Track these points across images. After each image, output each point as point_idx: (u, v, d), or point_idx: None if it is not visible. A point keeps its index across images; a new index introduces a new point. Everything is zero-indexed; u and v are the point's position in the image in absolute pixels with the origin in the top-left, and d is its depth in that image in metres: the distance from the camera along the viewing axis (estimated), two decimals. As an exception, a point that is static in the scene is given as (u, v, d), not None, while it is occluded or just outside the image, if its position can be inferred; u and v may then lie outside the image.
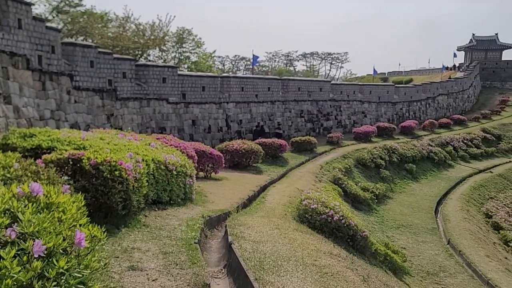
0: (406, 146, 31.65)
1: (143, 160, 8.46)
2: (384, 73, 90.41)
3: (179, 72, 23.32)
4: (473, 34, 77.20)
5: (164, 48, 33.99)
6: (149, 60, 32.93)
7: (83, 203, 3.65)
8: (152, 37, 31.16)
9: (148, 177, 8.52)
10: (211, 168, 16.32)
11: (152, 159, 9.10)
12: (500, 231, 21.73)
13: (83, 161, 6.94)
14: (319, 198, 11.49)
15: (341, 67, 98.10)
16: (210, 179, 16.13)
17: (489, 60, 74.65)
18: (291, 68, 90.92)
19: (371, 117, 39.74)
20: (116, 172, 7.02)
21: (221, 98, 25.37)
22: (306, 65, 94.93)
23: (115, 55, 19.89)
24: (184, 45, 36.72)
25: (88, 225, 3.32)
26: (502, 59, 75.77)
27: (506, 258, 18.25)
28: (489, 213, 23.61)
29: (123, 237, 6.65)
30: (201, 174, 16.20)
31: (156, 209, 9.09)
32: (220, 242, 8.45)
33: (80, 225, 3.30)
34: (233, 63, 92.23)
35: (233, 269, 6.45)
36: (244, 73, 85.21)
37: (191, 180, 11.15)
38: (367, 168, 26.21)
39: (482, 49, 75.35)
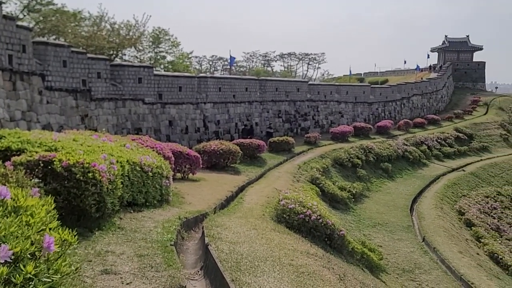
0: (382, 146, 32.16)
1: (117, 161, 8.30)
2: (361, 74, 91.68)
3: (155, 72, 23.04)
4: (446, 36, 79.10)
5: (140, 48, 33.55)
6: (125, 60, 32.42)
7: (53, 206, 3.55)
8: (128, 37, 30.70)
9: (123, 178, 8.36)
10: (188, 169, 16.18)
11: (127, 161, 8.93)
12: (472, 227, 22.32)
13: (55, 163, 6.75)
14: (297, 198, 11.52)
15: (318, 67, 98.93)
16: (187, 180, 16.00)
17: (461, 61, 76.62)
18: (269, 69, 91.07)
19: (348, 117, 40.19)
20: (90, 174, 6.86)
21: (198, 99, 25.19)
22: (283, 66, 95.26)
23: (89, 55, 19.49)
24: (160, 45, 36.33)
25: (59, 229, 3.23)
26: (473, 60, 77.92)
27: (477, 254, 18.75)
28: (462, 211, 24.22)
29: (96, 240, 6.50)
30: (178, 175, 16.04)
31: (132, 211, 8.93)
32: (197, 244, 8.37)
33: (50, 229, 3.21)
34: (211, 63, 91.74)
35: (210, 270, 6.39)
36: (222, 73, 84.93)
37: (167, 181, 11.02)
38: (344, 168, 26.50)
39: (454, 50, 77.28)
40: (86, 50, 22.52)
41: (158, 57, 36.70)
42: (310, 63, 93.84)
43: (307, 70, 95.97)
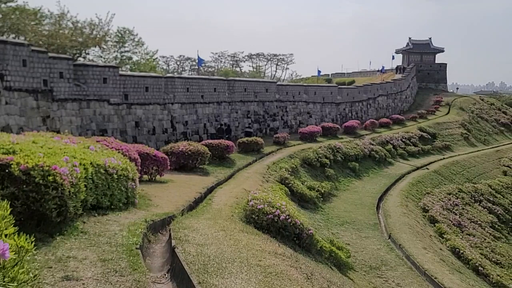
0: (349, 145, 32.71)
1: (80, 164, 8.04)
2: (328, 75, 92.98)
3: (120, 72, 22.53)
4: (410, 38, 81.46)
5: (105, 47, 32.74)
6: (89, 60, 31.55)
7: (9, 211, 3.41)
8: (92, 36, 29.90)
9: (87, 181, 8.12)
10: (155, 170, 15.91)
11: (91, 163, 8.68)
12: (435, 224, 23.03)
13: (12, 166, 6.46)
14: (266, 198, 11.51)
15: (287, 68, 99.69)
16: (155, 182, 15.73)
17: (424, 63, 79.11)
18: (238, 69, 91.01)
19: (316, 118, 40.68)
20: (50, 178, 6.60)
21: (165, 99, 24.83)
22: (252, 66, 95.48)
23: (50, 54, 18.84)
24: (125, 45, 35.60)
25: (15, 235, 3.11)
26: (436, 62, 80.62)
27: (440, 249, 19.37)
28: (426, 208, 24.95)
29: (57, 245, 6.26)
30: (146, 177, 15.76)
31: (96, 214, 8.67)
32: (164, 247, 8.23)
33: (5, 235, 3.09)
34: (178, 63, 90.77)
35: (177, 273, 6.28)
36: (190, 73, 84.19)
37: (133, 183, 10.78)
38: (313, 167, 26.78)
39: (418, 52, 79.69)
40: (48, 49, 21.75)
41: (123, 57, 35.95)
42: (279, 63, 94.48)
43: (276, 71, 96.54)
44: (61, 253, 5.93)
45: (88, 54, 32.08)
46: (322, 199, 22.38)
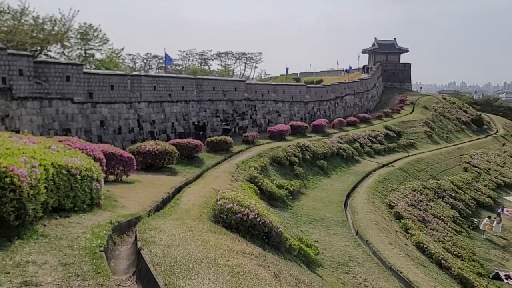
0: (317, 144, 33.08)
1: (40, 164, 7.73)
2: (297, 74, 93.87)
3: (84, 70, 21.86)
4: (375, 38, 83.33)
5: (68, 44, 31.71)
6: (50, 57, 30.48)
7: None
8: (53, 32, 28.89)
9: (47, 183, 7.81)
10: (121, 171, 15.55)
11: (52, 164, 8.35)
12: (401, 220, 23.61)
13: (-35, 167, 6.12)
14: (235, 197, 11.46)
15: (256, 67, 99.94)
16: (121, 182, 15.37)
17: (389, 63, 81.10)
18: (206, 67, 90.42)
19: (285, 116, 40.92)
20: (7, 179, 6.31)
21: (132, 98, 24.31)
22: (221, 65, 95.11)
23: (9, 51, 18.05)
24: (89, 42, 34.61)
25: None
26: (400, 61, 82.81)
27: (406, 244, 19.87)
28: (392, 204, 25.54)
29: (16, 250, 5.99)
30: (111, 177, 15.39)
31: (58, 217, 8.36)
32: (130, 248, 8.02)
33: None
34: (145, 61, 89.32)
35: (143, 275, 6.13)
36: (157, 71, 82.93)
37: (98, 184, 10.47)
38: (282, 166, 26.91)
39: (383, 52, 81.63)
40: (6, 46, 20.86)
41: (87, 54, 34.95)
42: (248, 62, 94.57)
43: (245, 70, 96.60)
44: (19, 258, 5.68)
45: (49, 51, 31.01)
46: (291, 197, 22.52)
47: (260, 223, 10.95)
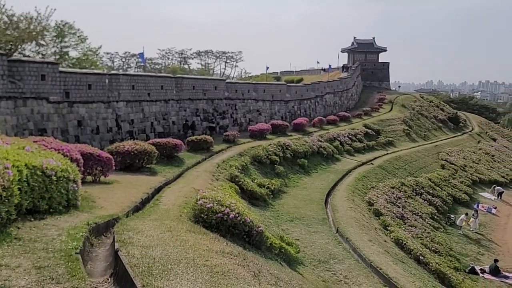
0: (298, 142, 33.23)
1: (13, 165, 7.51)
2: (277, 73, 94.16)
3: (60, 69, 21.40)
4: (355, 38, 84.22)
5: (43, 42, 30.96)
6: (25, 56, 29.74)
7: None
8: (29, 31, 28.17)
9: (21, 184, 7.61)
10: (100, 171, 15.30)
11: (26, 165, 8.14)
12: (380, 217, 23.92)
13: None
14: (215, 196, 11.40)
15: (236, 66, 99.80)
16: (99, 183, 15.11)
17: (368, 62, 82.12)
18: (186, 66, 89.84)
19: (266, 115, 40.97)
20: (-22, 181, 6.11)
21: (110, 97, 23.93)
22: (201, 63, 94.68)
23: (-18, 49, 17.55)
24: (65, 40, 33.89)
25: None
26: (379, 61, 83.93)
27: (385, 241, 20.14)
28: (371, 201, 25.85)
29: (-13, 254, 5.80)
30: (89, 178, 15.13)
31: (32, 219, 8.15)
32: (108, 250, 7.88)
33: None
34: (124, 60, 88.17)
35: (120, 277, 6.02)
36: (136, 70, 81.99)
37: (75, 185, 10.26)
38: (262, 165, 26.94)
39: (362, 51, 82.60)
40: (-21, 44, 20.26)
41: (63, 52, 34.22)
42: (228, 61, 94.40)
43: (225, 68, 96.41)
44: (-9, 262, 5.49)
45: (24, 49, 30.24)
46: (272, 196, 22.56)
47: (241, 222, 10.92)
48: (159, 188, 15.86)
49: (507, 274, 22.32)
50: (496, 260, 22.88)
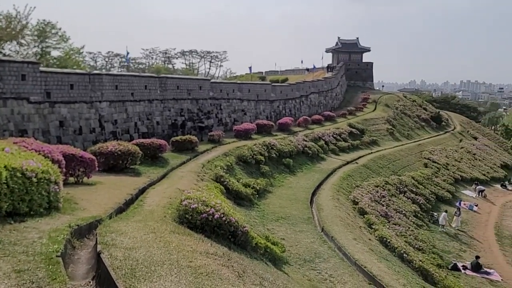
0: (283, 142, 33.30)
1: (-8, 167, 7.35)
2: (262, 72, 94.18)
3: (41, 69, 21.03)
4: (339, 38, 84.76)
5: (23, 42, 30.38)
6: (5, 55, 29.13)
7: None
8: (8, 30, 27.61)
9: (0, 186, 7.45)
10: (82, 172, 15.09)
11: (5, 166, 7.97)
12: (365, 215, 24.12)
13: None
14: (200, 197, 11.33)
15: (221, 65, 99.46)
16: (82, 184, 14.90)
17: (352, 62, 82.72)
18: (170, 66, 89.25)
19: (251, 115, 40.96)
20: (-46, 183, 5.95)
21: (92, 97, 23.60)
22: (185, 63, 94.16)
23: (-41, 48, 17.15)
24: (47, 40, 33.30)
25: None
26: (363, 61, 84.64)
27: (369, 239, 20.31)
28: (356, 200, 26.05)
29: (-35, 258, 5.65)
30: (71, 179, 14.91)
31: (12, 222, 7.98)
32: (90, 252, 7.76)
33: None
34: (107, 59, 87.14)
35: (102, 280, 5.93)
36: (119, 70, 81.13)
37: (56, 187, 10.08)
38: (248, 165, 26.91)
39: (346, 51, 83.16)
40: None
41: (44, 52, 33.64)
42: (212, 61, 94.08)
43: (210, 68, 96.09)
44: (-32, 267, 5.35)
45: (4, 49, 29.63)
46: (257, 195, 22.55)
47: (226, 222, 10.88)
48: (143, 189, 15.71)
49: (488, 270, 22.75)
50: (477, 257, 23.29)
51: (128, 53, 30.66)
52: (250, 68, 58.83)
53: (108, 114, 24.67)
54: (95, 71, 27.21)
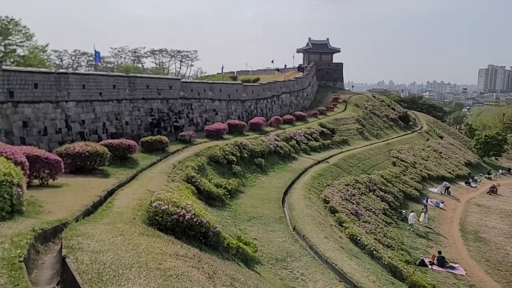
0: (255, 142, 33.32)
1: None
2: (234, 72, 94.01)
3: (3, 67, 20.21)
4: (309, 38, 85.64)
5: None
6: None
7: None
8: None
9: (-42, 190, 7.10)
10: (48, 174, 14.59)
11: (-37, 168, 7.61)
12: (335, 214, 24.44)
13: None
14: (170, 198, 11.19)
15: (192, 65, 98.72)
16: (47, 187, 14.41)
17: (323, 62, 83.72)
18: (139, 65, 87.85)
19: (222, 115, 40.79)
20: None
21: (58, 97, 22.90)
22: (155, 62, 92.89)
23: None
24: (10, 37, 32.09)
25: None
26: (333, 61, 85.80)
27: (340, 237, 20.59)
28: (327, 199, 26.35)
29: None
30: (36, 181, 14.39)
31: (-28, 227, 7.64)
32: (55, 257, 7.51)
33: None
34: (73, 58, 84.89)
35: (68, 285, 5.74)
36: (87, 69, 79.23)
37: (19, 189, 9.72)
38: (219, 165, 26.77)
39: (317, 52, 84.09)
40: None
41: (7, 50, 32.42)
42: (183, 60, 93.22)
43: (180, 68, 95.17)
44: None
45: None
46: (229, 196, 22.47)
47: (197, 223, 10.78)
48: (112, 190, 15.36)
49: (453, 265, 23.49)
50: (439, 252, 24.01)
51: (97, 52, 29.85)
52: (222, 67, 58.61)
53: (75, 114, 24.00)
54: (61, 70, 26.38)
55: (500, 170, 61.60)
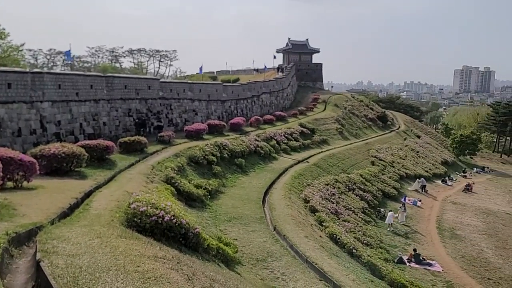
0: (235, 142, 33.24)
1: None
2: (213, 72, 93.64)
3: (-24, 66, 19.65)
4: (289, 39, 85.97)
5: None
6: None
7: None
8: None
9: None
10: (22, 176, 14.21)
11: None
12: (315, 213, 24.59)
13: None
14: (149, 199, 11.05)
15: (171, 65, 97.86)
16: (21, 189, 14.04)
17: (302, 62, 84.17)
18: (117, 65, 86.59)
19: (202, 115, 40.55)
20: None
21: (33, 97, 22.33)
22: (133, 62, 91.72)
23: None
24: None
25: None
26: (313, 61, 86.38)
27: (320, 236, 20.73)
28: (307, 199, 26.50)
29: None
30: (10, 184, 14.02)
31: None
32: (30, 261, 7.31)
33: None
34: (49, 57, 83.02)
35: (42, 290, 5.58)
36: (62, 69, 77.65)
37: (-8, 192, 9.44)
38: (199, 165, 26.60)
39: (296, 52, 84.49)
40: None
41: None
42: (162, 60, 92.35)
43: (159, 67, 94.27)
44: None
45: None
46: (209, 196, 22.36)
47: (177, 224, 10.68)
48: (90, 192, 15.09)
49: (430, 261, 23.94)
50: (415, 250, 24.45)
51: (68, 50, 29.19)
52: (201, 67, 58.25)
53: (51, 115, 23.46)
54: (36, 70, 25.76)
55: (475, 169, 63.19)
